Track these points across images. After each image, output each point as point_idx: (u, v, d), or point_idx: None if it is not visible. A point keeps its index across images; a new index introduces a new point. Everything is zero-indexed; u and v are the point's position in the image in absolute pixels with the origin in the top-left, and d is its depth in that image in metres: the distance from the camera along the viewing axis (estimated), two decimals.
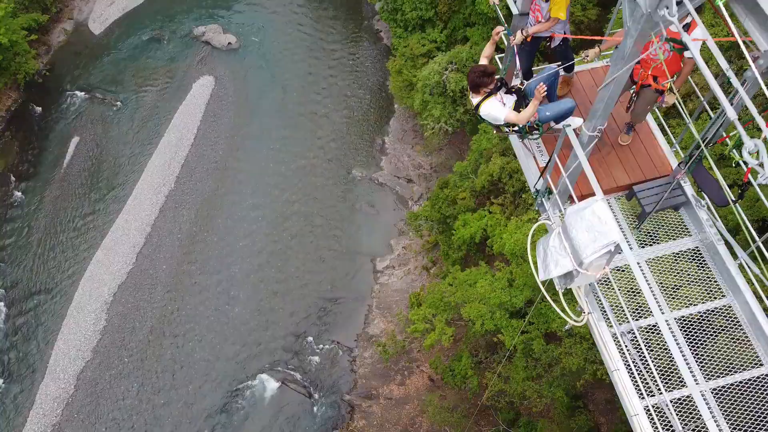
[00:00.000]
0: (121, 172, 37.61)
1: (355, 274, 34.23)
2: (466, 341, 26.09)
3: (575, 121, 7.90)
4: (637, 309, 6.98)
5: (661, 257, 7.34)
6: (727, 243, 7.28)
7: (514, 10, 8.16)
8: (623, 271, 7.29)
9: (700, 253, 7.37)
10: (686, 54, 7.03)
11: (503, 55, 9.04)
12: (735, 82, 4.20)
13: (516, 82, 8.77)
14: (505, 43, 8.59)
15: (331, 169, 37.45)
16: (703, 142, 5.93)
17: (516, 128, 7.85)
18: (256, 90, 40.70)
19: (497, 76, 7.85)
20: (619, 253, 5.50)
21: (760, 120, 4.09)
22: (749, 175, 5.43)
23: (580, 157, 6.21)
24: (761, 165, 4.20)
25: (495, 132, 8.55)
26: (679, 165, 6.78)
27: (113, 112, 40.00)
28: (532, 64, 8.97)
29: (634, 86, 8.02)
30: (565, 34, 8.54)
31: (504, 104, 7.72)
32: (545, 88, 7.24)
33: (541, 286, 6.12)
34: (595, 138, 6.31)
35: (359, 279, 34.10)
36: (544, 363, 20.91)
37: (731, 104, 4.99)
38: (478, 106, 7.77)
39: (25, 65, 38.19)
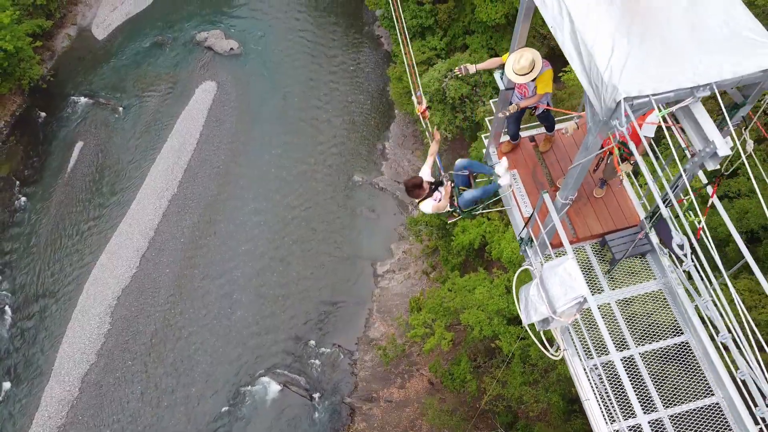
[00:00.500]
0: (124, 176, 38.06)
1: (356, 278, 34.68)
2: (465, 346, 26.54)
3: (504, 180, 9.48)
4: (603, 346, 7.83)
5: (629, 298, 8.28)
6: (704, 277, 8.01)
7: (501, 86, 9.11)
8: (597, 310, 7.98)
9: (663, 295, 8.32)
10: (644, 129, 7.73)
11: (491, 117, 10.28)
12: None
13: (505, 138, 10.09)
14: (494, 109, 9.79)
15: (332, 174, 37.89)
16: (663, 203, 6.53)
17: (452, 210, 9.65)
18: (258, 95, 41.14)
19: (432, 180, 9.53)
20: (586, 302, 6.56)
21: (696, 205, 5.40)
22: (701, 232, 6.26)
23: (555, 219, 7.31)
24: (685, 255, 5.34)
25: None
26: (644, 219, 7.63)
27: (116, 117, 40.44)
28: (519, 128, 9.88)
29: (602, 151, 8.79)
30: (548, 104, 9.36)
31: (437, 199, 9.34)
32: (451, 186, 9.24)
33: (525, 325, 6.76)
34: (567, 204, 7.41)
35: (360, 283, 34.55)
36: (541, 368, 21.36)
37: (676, 185, 6.64)
38: (419, 203, 9.59)
39: (30, 71, 38.61)
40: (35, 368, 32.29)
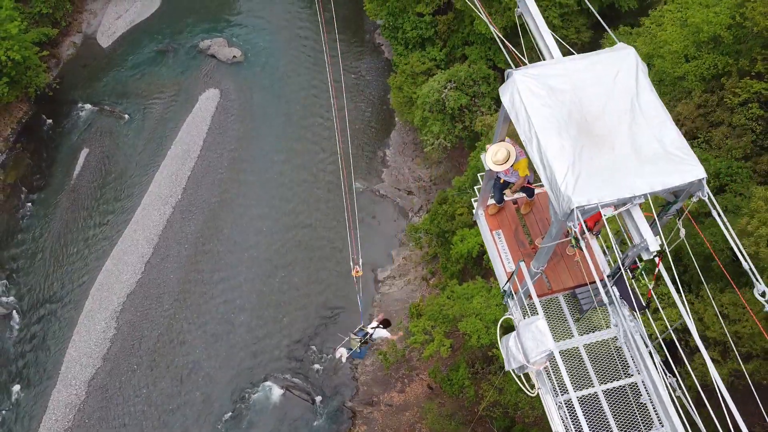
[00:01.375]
0: (129, 183, 38.73)
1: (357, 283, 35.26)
2: (464, 352, 27.18)
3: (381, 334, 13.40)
4: (573, 384, 9.04)
5: (595, 343, 9.49)
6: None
7: (486, 167, 10.38)
8: (565, 353, 9.63)
9: (621, 341, 9.43)
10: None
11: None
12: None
13: (491, 202, 11.29)
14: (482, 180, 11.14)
15: (333, 180, 38.49)
16: (622, 265, 7.89)
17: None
18: (261, 103, 41.78)
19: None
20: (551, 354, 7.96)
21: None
22: (652, 292, 7.73)
23: (529, 285, 8.69)
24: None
25: None
26: (607, 277, 8.68)
27: (121, 124, 41.11)
28: (503, 194, 11.09)
29: None
30: (528, 183, 10.60)
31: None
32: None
33: (507, 369, 8.11)
34: (539, 273, 8.97)
35: (361, 289, 35.12)
36: None
37: (624, 261, 7.94)
38: None
39: (36, 79, 39.25)
40: (43, 372, 32.95)
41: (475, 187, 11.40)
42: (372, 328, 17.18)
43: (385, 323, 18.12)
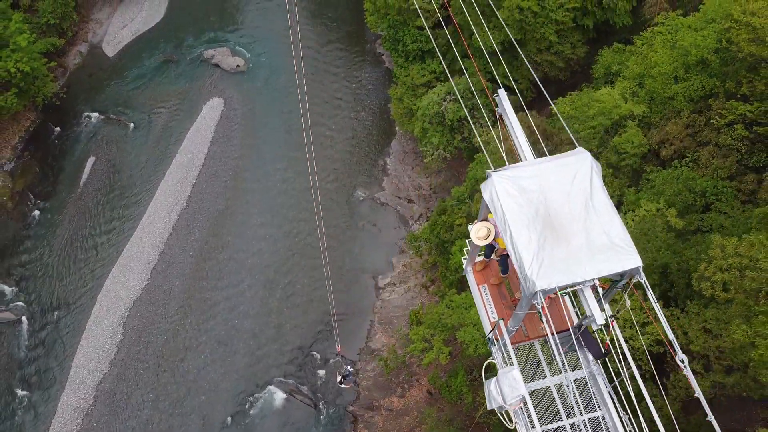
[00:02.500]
0: (135, 191, 39.53)
1: (358, 290, 36.11)
2: (462, 359, 27.97)
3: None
4: (545, 418, 10.78)
5: (564, 382, 10.84)
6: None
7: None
8: (539, 391, 11.31)
9: (587, 380, 10.86)
10: None
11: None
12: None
13: (479, 258, 12.80)
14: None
15: (335, 188, 39.30)
16: (579, 329, 9.75)
17: None
18: (264, 112, 42.56)
19: None
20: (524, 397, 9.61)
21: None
22: (609, 344, 9.44)
23: (506, 340, 10.40)
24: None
25: None
26: (573, 328, 10.22)
27: (127, 133, 41.92)
28: (491, 252, 12.45)
29: None
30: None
31: None
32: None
33: (489, 408, 9.84)
34: (514, 331, 10.59)
35: (362, 295, 35.99)
36: None
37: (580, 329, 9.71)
38: None
39: (44, 88, 40.01)
40: (51, 377, 33.76)
41: (464, 250, 12.92)
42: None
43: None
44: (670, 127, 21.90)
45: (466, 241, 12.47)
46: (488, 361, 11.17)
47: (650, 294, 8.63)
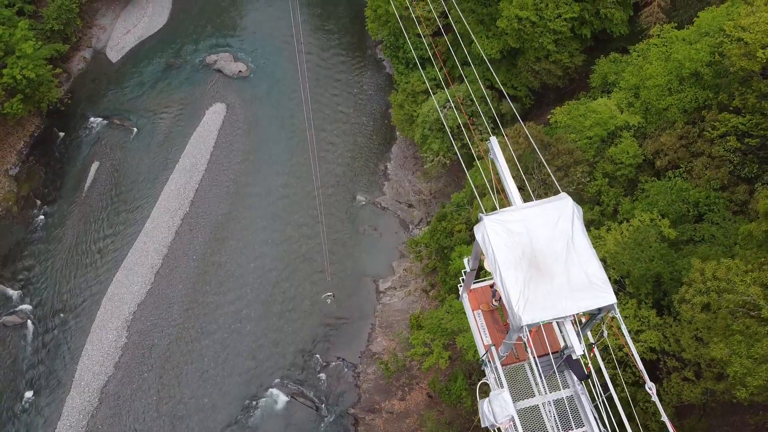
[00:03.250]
0: (139, 195, 40.03)
1: (359, 294, 36.61)
2: (462, 363, 28.46)
3: None
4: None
5: (556, 399, 11.86)
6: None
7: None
8: (528, 409, 12.13)
9: (573, 399, 11.79)
10: None
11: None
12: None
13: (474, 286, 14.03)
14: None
15: (336, 193, 39.80)
16: (562, 354, 10.69)
17: None
18: (266, 117, 43.05)
19: None
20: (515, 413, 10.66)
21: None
22: (591, 367, 10.38)
23: (497, 365, 11.55)
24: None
25: None
26: (554, 356, 11.25)
27: (131, 137, 42.41)
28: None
29: None
30: None
31: None
32: None
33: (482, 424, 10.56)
34: (504, 357, 11.69)
35: (363, 299, 36.50)
36: None
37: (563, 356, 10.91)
38: None
39: (48, 94, 40.44)
40: (57, 380, 34.25)
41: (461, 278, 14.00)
42: None
43: None
44: (665, 137, 22.38)
45: (462, 271, 13.48)
46: (482, 381, 12.19)
47: (624, 328, 9.86)
